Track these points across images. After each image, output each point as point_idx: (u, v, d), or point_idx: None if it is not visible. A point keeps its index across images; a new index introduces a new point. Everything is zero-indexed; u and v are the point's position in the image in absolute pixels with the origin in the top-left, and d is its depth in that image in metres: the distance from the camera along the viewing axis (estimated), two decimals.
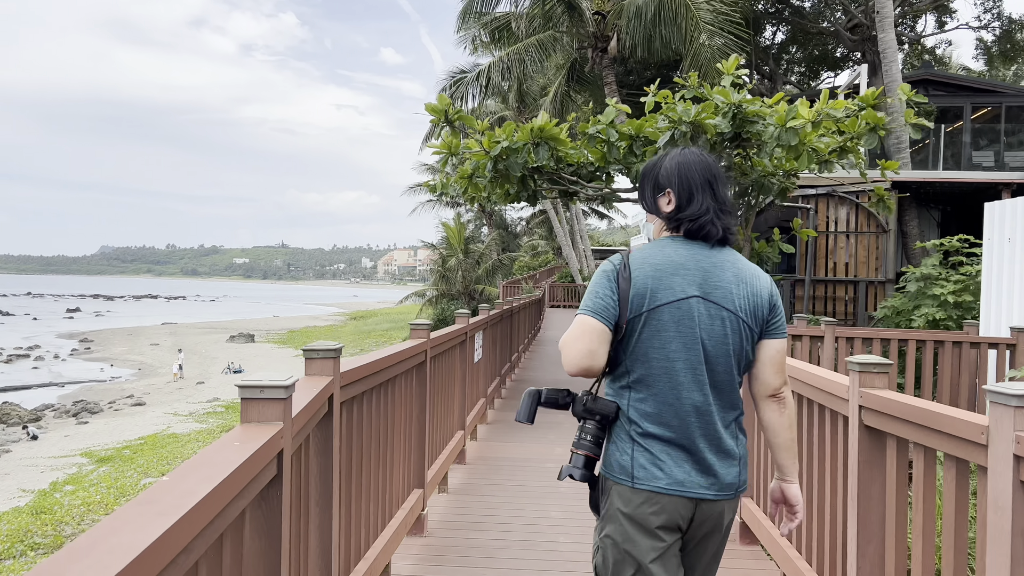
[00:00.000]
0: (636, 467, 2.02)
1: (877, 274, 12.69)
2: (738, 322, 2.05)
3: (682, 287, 2.02)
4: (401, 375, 3.88)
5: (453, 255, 36.54)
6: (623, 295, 2.02)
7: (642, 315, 2.02)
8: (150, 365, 45.18)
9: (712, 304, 2.03)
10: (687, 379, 2.01)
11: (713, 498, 2.03)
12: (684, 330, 2.01)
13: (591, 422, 2.08)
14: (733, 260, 2.11)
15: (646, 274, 2.03)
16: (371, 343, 51.20)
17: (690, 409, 2.02)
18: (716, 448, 2.04)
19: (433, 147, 7.86)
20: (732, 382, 2.08)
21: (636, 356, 2.04)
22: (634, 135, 8.23)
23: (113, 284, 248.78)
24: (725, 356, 2.04)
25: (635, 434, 2.04)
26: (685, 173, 2.12)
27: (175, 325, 73.39)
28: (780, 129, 6.90)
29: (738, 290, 2.06)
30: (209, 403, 30.89)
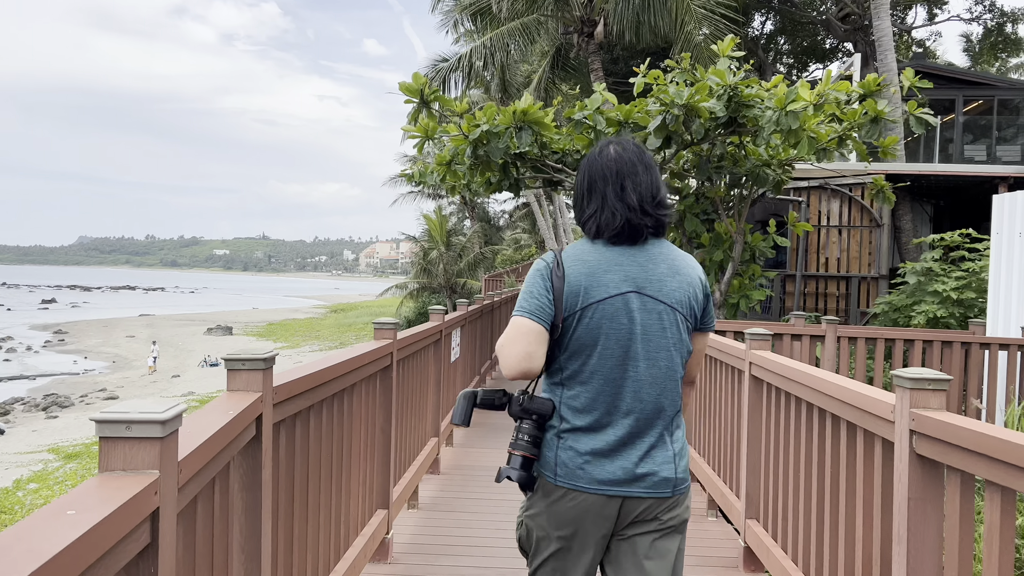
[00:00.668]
0: (559, 463, 2.01)
1: (870, 270, 12.29)
2: (674, 314, 2.03)
3: (616, 283, 2.00)
4: (361, 382, 3.37)
5: (435, 248, 35.97)
6: (557, 293, 2.00)
7: (576, 313, 2.00)
8: (125, 358, 44.35)
9: (648, 298, 2.01)
10: (620, 375, 1.99)
11: (641, 495, 2.00)
12: (618, 326, 1.99)
13: (527, 422, 2.04)
14: (666, 252, 2.08)
15: (579, 271, 2.01)
16: (351, 336, 50.57)
17: (624, 406, 2.00)
18: (649, 445, 2.01)
19: (409, 131, 7.33)
20: (673, 377, 2.05)
21: (571, 354, 2.02)
22: (622, 121, 7.74)
23: (91, 275, 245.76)
24: (665, 350, 2.03)
25: (563, 430, 2.02)
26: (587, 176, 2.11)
27: (152, 317, 72.42)
28: (779, 112, 6.43)
29: (672, 282, 2.04)
30: (184, 397, 30.19)
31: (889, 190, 8.64)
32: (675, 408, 2.08)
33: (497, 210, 52.14)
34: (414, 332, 4.49)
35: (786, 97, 6.41)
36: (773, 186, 8.13)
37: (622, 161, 2.08)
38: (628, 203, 2.03)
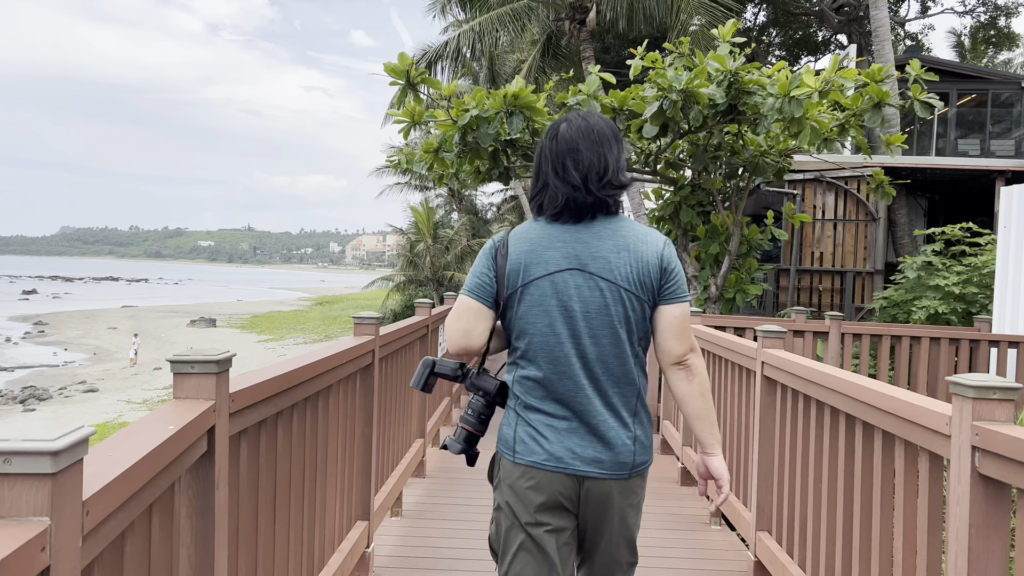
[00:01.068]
0: (517, 440, 2.00)
1: (865, 264, 12.06)
2: (619, 291, 1.97)
3: (555, 260, 1.98)
4: (338, 383, 3.05)
5: (421, 240, 35.56)
6: (500, 272, 2.01)
7: (517, 290, 1.99)
8: (106, 350, 43.76)
9: (589, 275, 1.97)
10: (564, 353, 1.97)
11: (598, 476, 1.97)
12: (558, 303, 1.97)
13: (476, 397, 2.07)
14: (616, 228, 2.02)
15: (521, 249, 2.00)
16: (337, 329, 50.09)
17: (571, 383, 1.97)
18: (603, 424, 1.98)
19: (395, 115, 6.98)
20: (620, 355, 1.99)
21: (518, 331, 2.01)
22: (617, 108, 7.43)
23: (73, 265, 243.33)
24: (609, 328, 1.97)
25: (519, 408, 2.02)
26: (537, 157, 2.09)
27: (135, 308, 71.67)
28: (782, 100, 6.14)
29: (618, 259, 1.98)
30: (165, 390, 29.78)
31: (888, 184, 8.39)
32: (630, 387, 2.02)
33: (485, 203, 51.75)
34: (398, 327, 4.17)
35: (790, 83, 6.11)
36: (774, 174, 7.85)
37: (563, 140, 2.03)
38: (570, 181, 1.98)
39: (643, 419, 2.06)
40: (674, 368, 2.06)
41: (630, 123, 7.35)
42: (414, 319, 4.85)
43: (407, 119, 6.96)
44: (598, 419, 1.98)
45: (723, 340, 4.21)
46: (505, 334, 2.09)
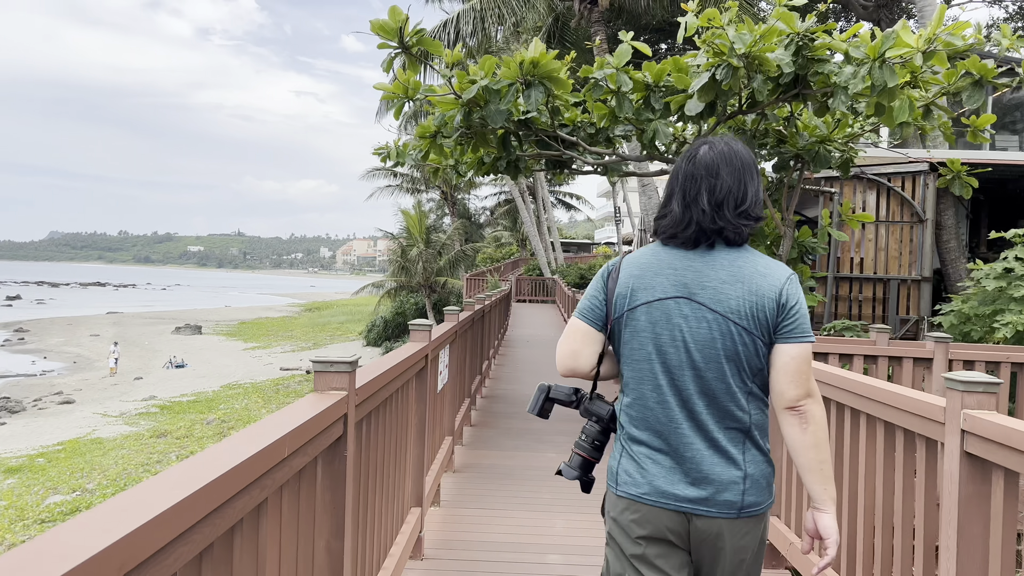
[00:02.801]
0: (620, 472, 1.97)
1: (911, 271, 10.80)
2: (728, 324, 1.89)
3: (663, 287, 1.94)
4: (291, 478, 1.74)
5: (413, 245, 34.21)
6: (609, 295, 1.99)
7: (623, 316, 1.97)
8: (87, 358, 42.33)
9: (697, 305, 1.91)
10: (666, 383, 1.92)
11: (705, 514, 1.88)
12: (662, 332, 1.92)
13: (590, 423, 2.07)
14: (735, 258, 1.93)
15: (630, 273, 1.98)
16: (325, 336, 48.69)
17: (673, 416, 1.92)
18: (706, 460, 1.89)
19: (384, 89, 5.66)
20: (728, 390, 1.90)
21: (624, 359, 1.99)
22: (652, 84, 6.15)
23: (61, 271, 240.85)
24: (715, 361, 1.89)
25: (623, 438, 1.99)
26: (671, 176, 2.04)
27: (120, 315, 70.25)
28: (870, 64, 4.87)
29: (732, 290, 1.90)
30: (144, 402, 28.43)
31: (964, 176, 7.12)
32: (738, 423, 1.91)
33: (478, 206, 50.55)
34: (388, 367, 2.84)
35: (882, 43, 4.83)
36: (838, 166, 6.58)
37: (703, 162, 1.95)
38: (702, 206, 1.92)
39: (756, 457, 1.94)
40: (787, 413, 1.94)
41: (668, 100, 6.06)
42: (409, 349, 3.53)
43: (398, 94, 5.64)
44: (701, 455, 1.89)
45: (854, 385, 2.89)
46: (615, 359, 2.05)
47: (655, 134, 6.30)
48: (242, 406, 25.18)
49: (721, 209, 1.90)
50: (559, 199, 51.86)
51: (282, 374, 33.13)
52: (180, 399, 28.33)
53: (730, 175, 1.93)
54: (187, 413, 24.73)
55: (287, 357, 39.76)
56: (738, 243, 1.95)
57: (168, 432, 21.10)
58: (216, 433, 20.41)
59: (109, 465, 17.79)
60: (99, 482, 16.56)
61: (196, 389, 30.74)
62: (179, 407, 26.43)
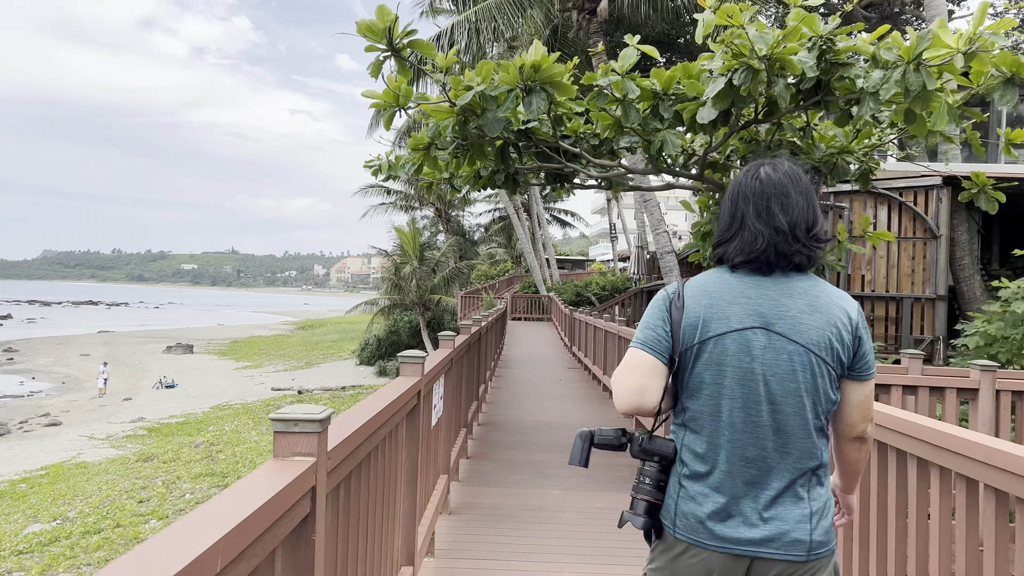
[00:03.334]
0: (679, 514, 1.85)
1: (925, 289, 10.37)
2: (809, 357, 1.80)
3: (739, 317, 1.82)
4: None
5: (407, 262, 33.74)
6: (675, 326, 1.86)
7: (694, 347, 1.84)
8: (76, 378, 41.67)
9: (776, 336, 1.80)
10: (741, 419, 1.80)
11: (770, 557, 1.77)
12: (739, 365, 1.80)
13: (650, 464, 1.90)
14: (807, 287, 1.86)
15: (700, 303, 1.86)
16: (317, 355, 48.09)
17: (745, 454, 1.80)
18: (776, 499, 1.79)
19: (372, 97, 5.21)
20: (805, 427, 1.80)
21: (690, 392, 1.87)
22: (661, 92, 5.73)
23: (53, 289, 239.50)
24: (794, 396, 1.79)
25: (683, 477, 1.87)
26: (728, 198, 1.95)
27: (111, 333, 69.56)
28: (903, 68, 4.45)
29: (811, 320, 1.81)
30: (132, 424, 27.81)
31: (991, 189, 6.70)
32: (811, 462, 1.82)
33: (472, 223, 50.17)
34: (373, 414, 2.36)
35: (916, 44, 4.41)
36: (857, 178, 6.16)
37: (771, 182, 1.89)
38: (776, 225, 1.83)
39: (822, 496, 1.84)
40: (852, 441, 1.94)
41: (679, 108, 5.63)
42: (398, 388, 3.05)
43: (388, 102, 5.20)
44: (771, 494, 1.79)
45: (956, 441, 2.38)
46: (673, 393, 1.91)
47: (663, 145, 5.87)
48: (231, 428, 24.60)
49: (795, 231, 1.84)
50: (554, 216, 51.54)
51: (273, 394, 32.54)
52: (169, 420, 27.74)
53: (799, 196, 1.87)
54: (175, 435, 24.15)
55: (279, 377, 39.15)
56: (808, 268, 1.87)
57: (155, 456, 20.52)
58: (204, 456, 19.84)
59: (93, 491, 17.21)
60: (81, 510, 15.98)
61: (186, 410, 30.14)
62: (167, 429, 25.85)
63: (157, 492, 16.64)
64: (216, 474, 17.61)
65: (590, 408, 10.27)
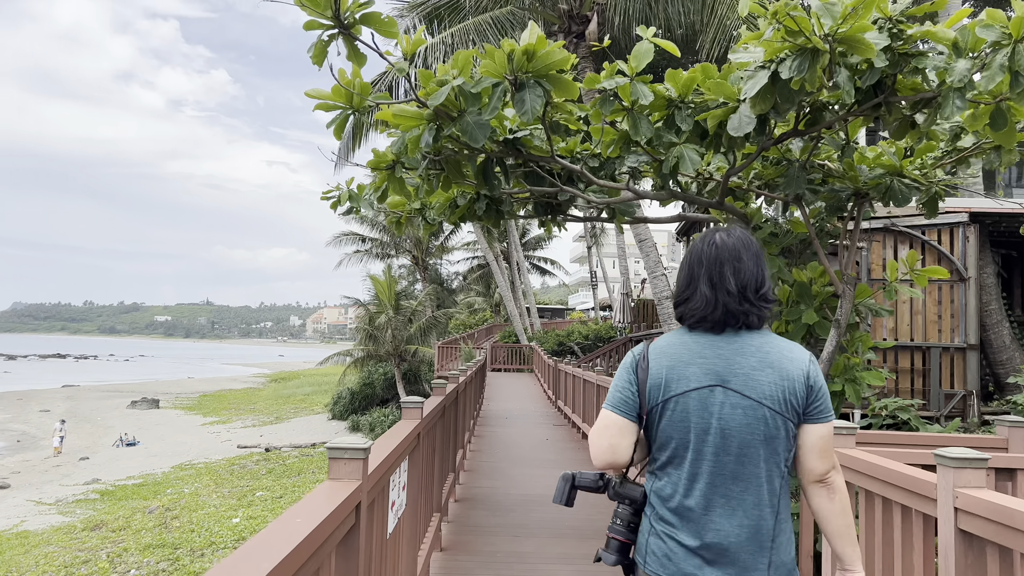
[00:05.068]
0: (648, 552, 2.01)
1: (953, 337, 9.30)
2: (762, 410, 1.96)
3: (697, 377, 1.99)
4: None
5: (382, 311, 32.41)
6: (641, 386, 2.02)
7: (658, 406, 2.01)
8: (32, 436, 39.51)
9: (732, 392, 1.97)
10: (706, 470, 1.96)
11: None
12: (700, 421, 1.97)
13: (623, 506, 2.08)
14: (760, 344, 2.02)
15: (661, 364, 2.02)
16: (288, 409, 46.24)
17: (705, 502, 1.96)
18: (735, 545, 1.94)
19: (317, 97, 4.05)
20: (762, 474, 1.97)
21: (658, 445, 2.03)
22: (677, 99, 4.65)
23: (21, 342, 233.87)
24: (751, 447, 1.96)
25: (653, 519, 2.03)
26: (686, 262, 2.10)
27: (76, 388, 67.14)
28: (1009, 49, 3.42)
29: (763, 376, 1.98)
30: (85, 486, 25.96)
31: None
32: (766, 508, 1.97)
33: (450, 271, 49.05)
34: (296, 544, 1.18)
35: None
36: (927, 204, 5.10)
37: (724, 247, 2.05)
38: (727, 288, 2.00)
39: (782, 543, 1.99)
40: (815, 486, 2.04)
41: (705, 118, 4.54)
42: (320, 509, 1.83)
43: (338, 103, 4.05)
44: (731, 540, 1.94)
45: None
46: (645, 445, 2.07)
47: (678, 163, 4.76)
48: (192, 490, 22.89)
49: (745, 293, 2.00)
50: (533, 263, 50.57)
51: (239, 452, 30.78)
52: (126, 482, 25.93)
53: (750, 260, 2.04)
54: (130, 499, 22.42)
55: (247, 433, 37.34)
56: (758, 327, 2.03)
57: (104, 523, 18.82)
58: (158, 524, 18.18)
59: (28, 566, 15.52)
60: None
61: (145, 470, 28.32)
62: (122, 492, 24.08)
63: (99, 567, 14.97)
64: (167, 545, 15.97)
65: None
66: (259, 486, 22.85)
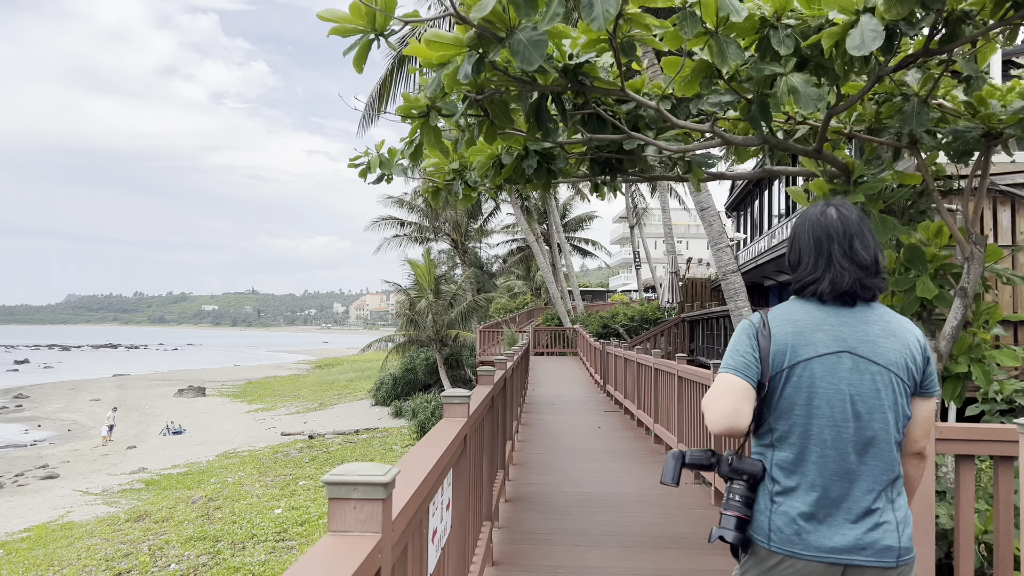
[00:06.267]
0: (773, 528, 1.96)
1: None
2: (890, 377, 1.99)
3: (825, 342, 1.99)
4: None
5: (423, 296, 31.80)
6: (764, 352, 2.00)
7: (783, 371, 1.99)
8: (83, 425, 39.93)
9: (860, 359, 1.98)
10: (831, 437, 1.95)
11: (863, 564, 1.91)
12: (828, 386, 1.96)
13: (739, 482, 2.03)
14: (880, 314, 2.05)
15: (786, 331, 2.01)
16: (332, 395, 46.09)
17: (835, 469, 1.95)
18: (866, 510, 1.94)
19: (332, 20, 3.24)
20: (888, 440, 1.98)
21: (779, 414, 2.00)
22: (772, 18, 3.74)
23: (76, 333, 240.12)
24: (880, 412, 1.97)
25: (774, 494, 1.99)
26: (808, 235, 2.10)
27: (126, 377, 68.25)
28: None
29: (888, 344, 2.00)
30: (132, 475, 25.93)
31: None
32: (894, 473, 1.99)
33: (490, 255, 48.26)
34: None
35: None
36: None
37: (849, 221, 2.06)
38: (860, 262, 2.02)
39: (904, 505, 2.01)
40: (915, 457, 2.09)
41: (812, 40, 3.63)
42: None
43: (359, 25, 3.24)
44: (861, 505, 1.93)
45: None
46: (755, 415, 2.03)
47: (789, 94, 3.82)
48: (235, 479, 22.60)
49: (877, 266, 2.03)
50: (574, 245, 49.56)
51: (283, 440, 30.55)
52: (171, 471, 25.82)
53: (870, 233, 2.07)
54: (175, 489, 22.21)
55: (291, 420, 37.21)
56: (874, 299, 2.05)
57: (147, 514, 18.56)
58: (201, 514, 17.84)
59: (71, 559, 15.24)
60: None
61: (190, 458, 28.22)
62: (168, 481, 23.94)
63: (140, 561, 14.57)
64: (209, 538, 15.54)
65: (644, 468, 8.12)
66: (302, 474, 22.45)
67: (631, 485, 7.13)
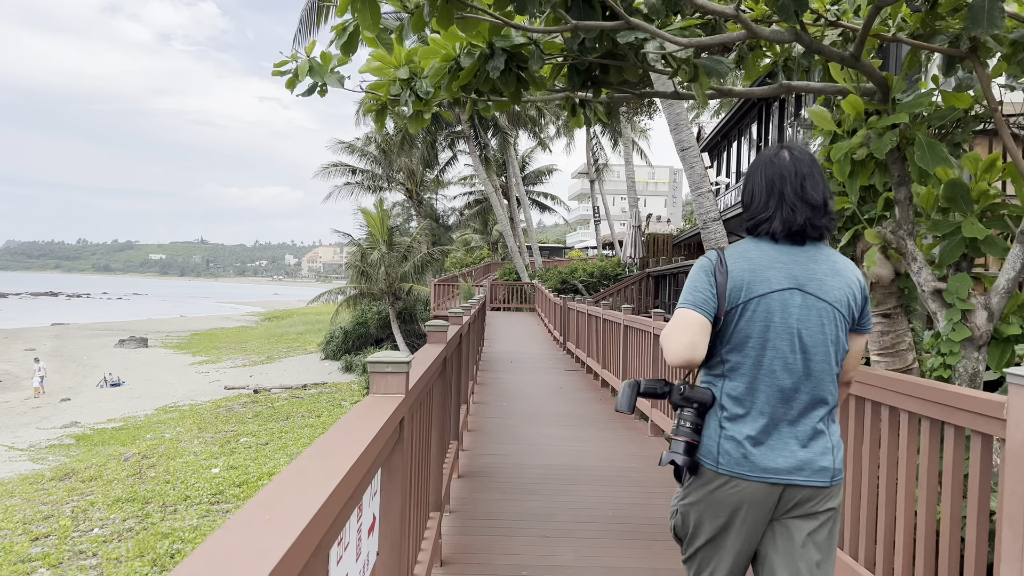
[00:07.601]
0: (721, 452, 2.06)
1: None
2: (834, 313, 2.09)
3: (777, 279, 2.07)
4: None
5: (375, 248, 30.51)
6: (720, 288, 2.07)
7: (738, 306, 2.06)
8: (15, 376, 37.99)
9: (809, 295, 2.08)
10: (780, 367, 2.05)
11: (802, 484, 2.04)
12: (779, 321, 2.05)
13: (688, 410, 2.11)
14: (828, 255, 2.16)
15: (742, 268, 2.09)
16: (282, 348, 44.74)
17: (781, 397, 2.05)
18: (806, 436, 2.06)
19: None
20: (829, 372, 2.10)
21: (732, 346, 2.08)
22: None
23: (14, 280, 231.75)
24: (823, 346, 2.08)
25: (723, 420, 2.08)
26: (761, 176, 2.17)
27: (65, 327, 65.62)
28: None
29: (834, 282, 2.11)
30: (63, 429, 24.52)
31: None
32: (833, 401, 2.12)
33: (446, 206, 46.92)
34: None
35: None
36: None
37: (800, 163, 2.14)
38: (810, 202, 2.10)
39: (837, 431, 2.14)
40: (843, 385, 2.27)
41: None
42: None
43: None
44: (803, 430, 2.05)
45: None
46: None
47: None
48: (172, 435, 21.41)
49: (826, 207, 2.13)
50: (533, 199, 48.47)
51: (226, 393, 29.31)
52: (106, 426, 24.48)
53: (819, 175, 2.15)
54: (108, 445, 20.95)
55: (236, 373, 35.88)
56: (822, 239, 2.16)
57: (74, 472, 17.34)
58: (132, 473, 16.70)
59: None
60: None
61: (127, 412, 26.87)
62: (100, 436, 22.62)
63: (60, 525, 13.41)
64: (138, 499, 14.43)
65: (615, 436, 7.28)
66: (244, 431, 21.36)
67: (603, 457, 6.26)
